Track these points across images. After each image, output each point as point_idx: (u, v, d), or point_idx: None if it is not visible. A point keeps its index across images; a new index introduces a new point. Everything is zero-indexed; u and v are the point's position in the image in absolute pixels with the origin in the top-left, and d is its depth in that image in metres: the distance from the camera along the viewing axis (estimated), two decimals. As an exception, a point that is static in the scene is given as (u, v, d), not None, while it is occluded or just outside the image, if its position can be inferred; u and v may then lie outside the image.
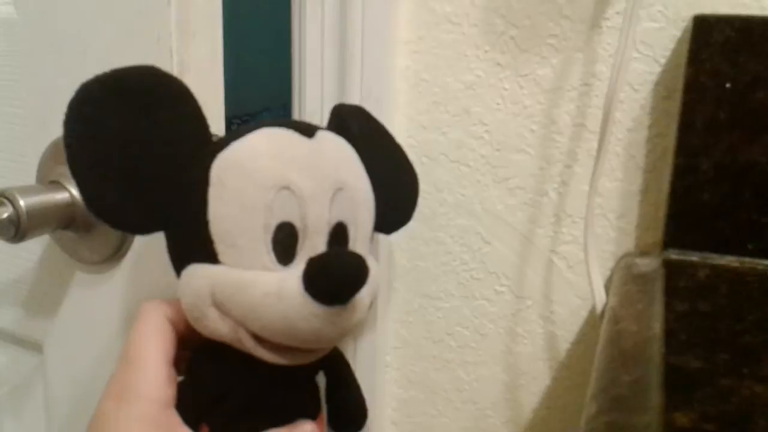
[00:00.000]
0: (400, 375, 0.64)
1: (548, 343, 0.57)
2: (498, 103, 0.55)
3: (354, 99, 0.56)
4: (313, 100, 0.58)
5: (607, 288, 0.51)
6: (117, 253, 0.52)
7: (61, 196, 0.49)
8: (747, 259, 0.47)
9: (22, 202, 0.46)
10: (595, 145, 0.51)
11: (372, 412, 0.64)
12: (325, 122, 0.45)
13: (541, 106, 0.54)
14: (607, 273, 0.54)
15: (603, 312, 0.49)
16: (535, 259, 0.57)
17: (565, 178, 0.54)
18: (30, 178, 0.53)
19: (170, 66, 0.46)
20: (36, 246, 0.56)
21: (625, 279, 0.48)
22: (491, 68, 0.55)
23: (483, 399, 0.61)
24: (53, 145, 0.52)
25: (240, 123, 2.07)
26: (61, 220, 0.50)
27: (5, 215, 0.46)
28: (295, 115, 0.60)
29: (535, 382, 0.59)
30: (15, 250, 0.55)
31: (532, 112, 0.54)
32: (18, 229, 0.46)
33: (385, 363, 0.64)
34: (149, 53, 0.46)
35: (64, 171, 0.51)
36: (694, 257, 0.48)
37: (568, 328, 0.57)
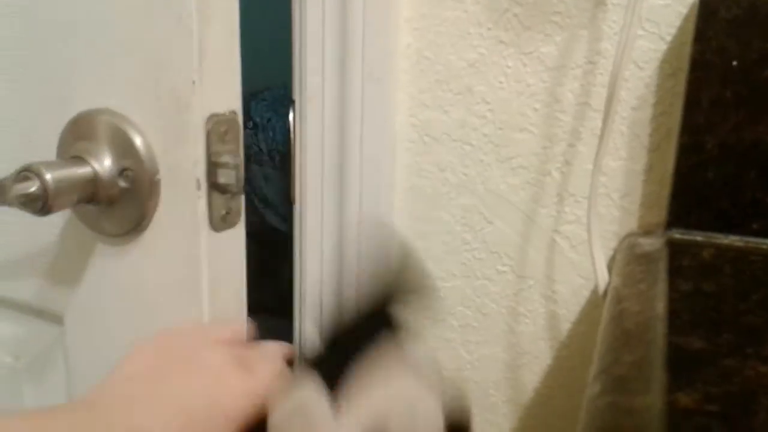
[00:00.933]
0: (402, 354, 0.64)
1: (550, 323, 0.57)
2: (501, 82, 0.54)
3: (356, 77, 0.55)
4: (314, 79, 0.57)
5: (609, 268, 0.51)
6: (138, 226, 0.52)
7: (83, 171, 0.50)
8: (751, 239, 0.47)
9: (48, 176, 0.47)
10: (599, 123, 0.50)
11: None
12: (325, 108, 0.44)
13: (545, 85, 0.53)
14: (610, 253, 0.53)
15: (605, 292, 0.48)
16: (537, 239, 0.56)
17: (568, 157, 0.54)
18: (50, 154, 0.54)
19: (190, 47, 0.46)
20: (57, 219, 0.57)
21: (628, 259, 0.47)
22: (494, 46, 0.54)
23: (484, 378, 0.61)
24: (72, 123, 0.53)
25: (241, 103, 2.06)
26: (84, 194, 0.50)
27: (32, 189, 0.47)
28: (296, 95, 0.59)
29: (537, 362, 0.59)
30: (37, 223, 0.56)
31: (535, 90, 0.54)
32: (45, 203, 0.47)
33: (387, 342, 0.64)
34: (170, 34, 0.46)
35: (85, 146, 0.51)
36: (698, 237, 0.48)
37: (570, 307, 0.56)
